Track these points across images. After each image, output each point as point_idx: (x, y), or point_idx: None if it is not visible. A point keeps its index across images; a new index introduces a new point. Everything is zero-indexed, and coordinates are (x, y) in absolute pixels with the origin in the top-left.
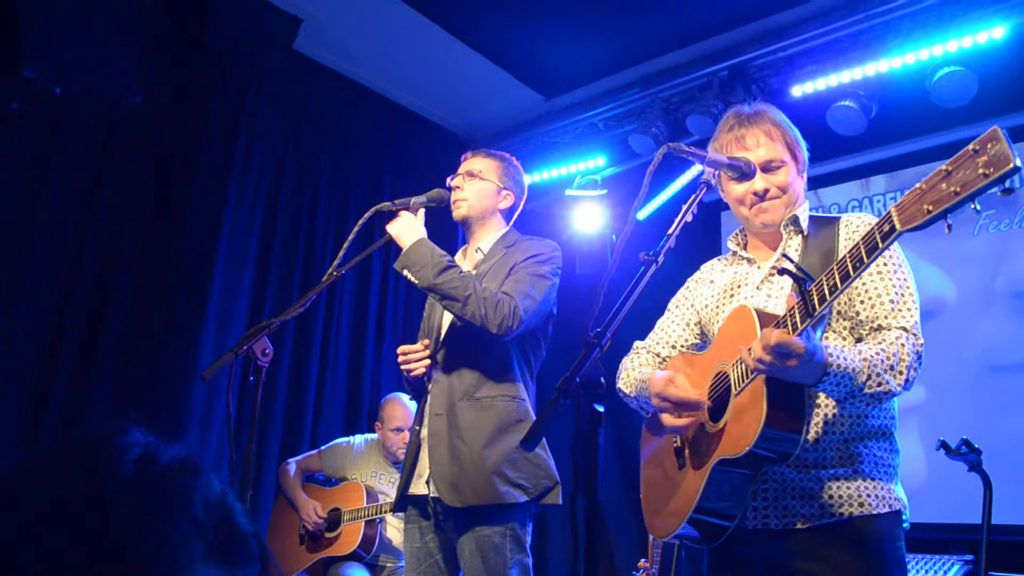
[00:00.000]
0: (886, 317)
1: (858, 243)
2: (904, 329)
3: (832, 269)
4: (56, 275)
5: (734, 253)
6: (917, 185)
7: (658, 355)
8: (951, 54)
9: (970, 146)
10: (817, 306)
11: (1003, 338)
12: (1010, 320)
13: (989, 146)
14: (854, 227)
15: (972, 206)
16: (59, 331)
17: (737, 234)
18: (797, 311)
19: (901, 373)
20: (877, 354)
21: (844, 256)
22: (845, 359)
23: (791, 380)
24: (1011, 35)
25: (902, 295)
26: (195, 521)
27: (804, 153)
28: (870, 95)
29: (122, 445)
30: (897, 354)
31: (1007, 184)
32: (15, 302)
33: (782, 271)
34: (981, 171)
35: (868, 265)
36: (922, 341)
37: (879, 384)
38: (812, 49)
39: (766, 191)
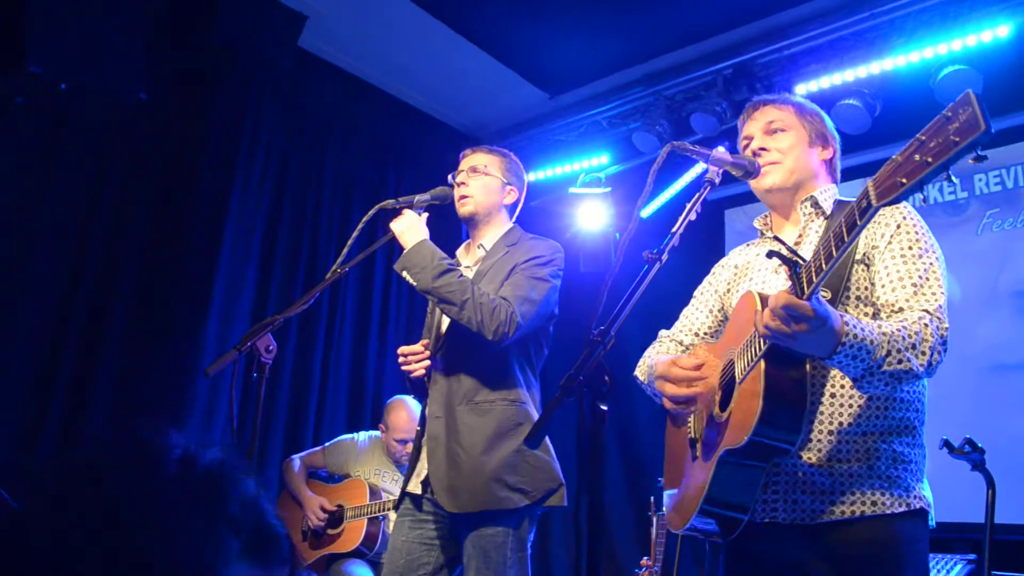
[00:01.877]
0: (907, 300)
1: (840, 222)
2: (927, 311)
3: (818, 250)
4: (60, 269)
5: (761, 234)
6: (893, 156)
7: (681, 343)
8: (956, 53)
9: (944, 111)
10: (806, 288)
11: (1006, 337)
12: (1013, 319)
13: (961, 111)
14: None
15: (946, 175)
16: (63, 325)
17: (766, 215)
18: (804, 278)
19: (924, 354)
20: (898, 331)
21: (828, 236)
22: (862, 330)
23: (803, 350)
24: (1016, 34)
25: (926, 278)
26: (233, 520)
27: (826, 130)
28: (874, 94)
29: (164, 446)
30: (920, 333)
31: (978, 151)
32: (19, 296)
33: (771, 254)
34: (952, 138)
35: (849, 244)
36: (947, 325)
37: (899, 362)
38: (816, 48)
39: (762, 149)
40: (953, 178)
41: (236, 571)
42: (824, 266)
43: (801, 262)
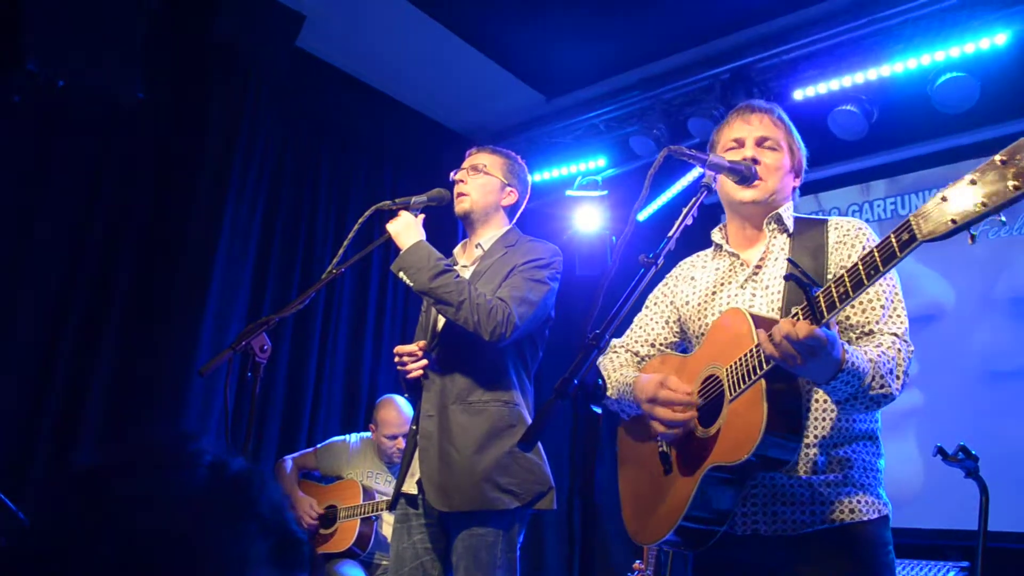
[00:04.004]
0: (877, 322)
1: (872, 251)
2: (896, 335)
3: (842, 277)
4: (56, 269)
5: (718, 247)
6: (938, 194)
7: (636, 354)
8: (953, 59)
9: (997, 157)
10: (826, 313)
11: (1001, 344)
12: (1009, 326)
13: (1018, 157)
14: (844, 230)
15: (999, 218)
16: (59, 325)
17: (722, 227)
18: (824, 303)
19: (899, 378)
20: (880, 356)
21: (856, 264)
22: (857, 358)
23: (804, 375)
24: (1013, 41)
25: (893, 302)
26: (262, 523)
27: (803, 159)
28: (872, 100)
29: (196, 451)
30: (895, 359)
31: None
32: (15, 296)
33: (789, 276)
34: (1011, 183)
35: (884, 274)
36: (912, 348)
37: (882, 387)
38: (815, 53)
39: (755, 161)
40: (1003, 218)
41: (263, 574)
42: (851, 293)
43: (817, 285)
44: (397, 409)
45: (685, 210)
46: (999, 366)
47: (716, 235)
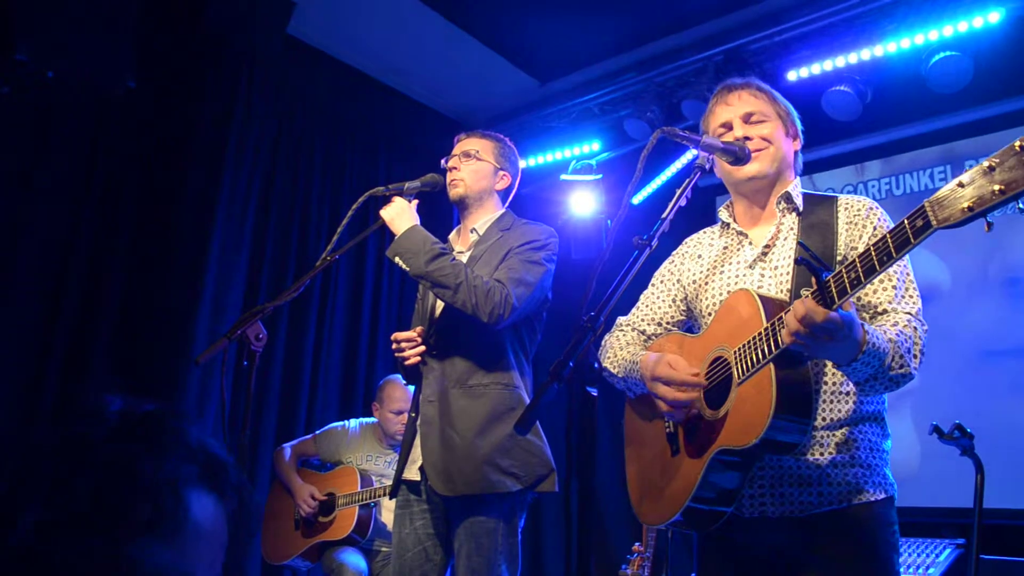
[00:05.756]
0: (890, 302)
1: (885, 237)
2: (911, 314)
3: (854, 262)
4: (50, 260)
5: (726, 225)
6: (954, 180)
7: (643, 332)
8: (947, 39)
9: (1016, 143)
10: (836, 298)
11: (996, 324)
12: (1003, 306)
13: None
14: (855, 211)
15: (1017, 206)
16: (54, 315)
17: (728, 205)
18: (835, 288)
19: (916, 357)
20: (898, 335)
21: (868, 250)
22: (878, 338)
23: (825, 358)
24: (1006, 19)
25: (905, 283)
26: (187, 448)
27: (796, 122)
28: (865, 80)
29: (103, 402)
30: (912, 337)
31: None
32: (9, 287)
33: (801, 260)
34: None
35: (897, 260)
36: (927, 327)
37: (901, 367)
38: (808, 34)
39: (747, 138)
40: (1021, 205)
41: (196, 497)
42: (863, 279)
43: (828, 270)
44: (402, 387)
45: (679, 191)
46: (994, 345)
47: (723, 213)
